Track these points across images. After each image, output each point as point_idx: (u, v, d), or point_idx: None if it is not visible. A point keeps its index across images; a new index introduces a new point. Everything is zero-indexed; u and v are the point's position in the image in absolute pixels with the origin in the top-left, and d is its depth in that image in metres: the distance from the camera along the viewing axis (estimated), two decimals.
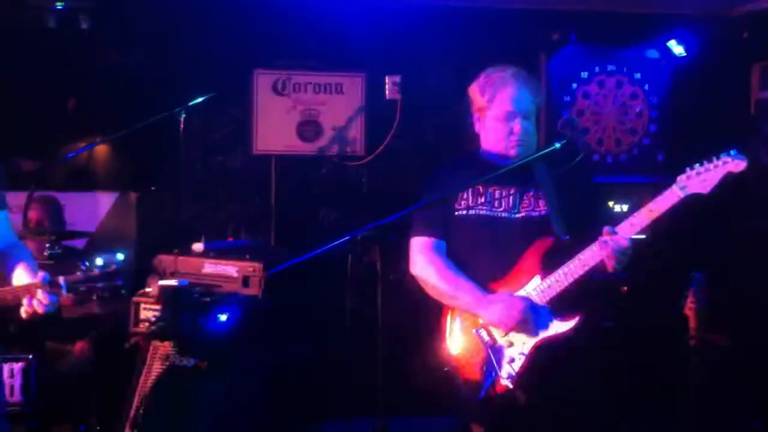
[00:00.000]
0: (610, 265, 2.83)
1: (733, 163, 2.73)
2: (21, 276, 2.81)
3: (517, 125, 2.96)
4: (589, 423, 3.00)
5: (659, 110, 5.19)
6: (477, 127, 3.10)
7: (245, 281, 3.94)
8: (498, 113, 2.98)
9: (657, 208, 2.79)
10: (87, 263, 2.69)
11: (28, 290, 2.68)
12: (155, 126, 4.90)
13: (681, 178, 2.78)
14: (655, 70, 5.17)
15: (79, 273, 2.67)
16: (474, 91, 3.07)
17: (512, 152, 2.98)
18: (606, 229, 2.81)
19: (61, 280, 2.64)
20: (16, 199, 4.87)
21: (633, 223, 2.81)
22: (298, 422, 4.23)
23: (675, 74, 5.18)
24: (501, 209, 3.00)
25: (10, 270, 2.86)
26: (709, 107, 5.22)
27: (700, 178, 2.75)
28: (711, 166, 2.75)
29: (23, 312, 2.69)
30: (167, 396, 3.82)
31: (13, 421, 3.87)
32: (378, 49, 5.43)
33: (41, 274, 2.69)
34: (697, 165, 2.77)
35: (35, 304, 2.66)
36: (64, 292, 2.66)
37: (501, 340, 2.90)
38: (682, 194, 2.77)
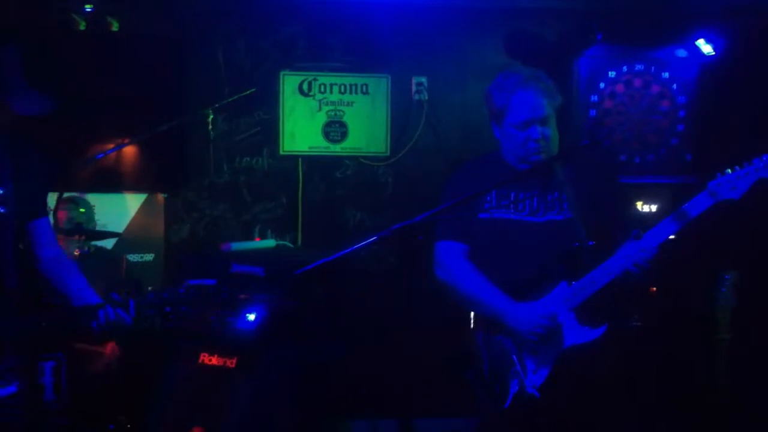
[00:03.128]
0: (637, 272, 2.78)
1: (765, 170, 2.70)
2: (83, 292, 2.79)
3: (535, 132, 2.91)
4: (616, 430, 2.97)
5: (687, 110, 5.13)
6: (496, 133, 3.05)
7: (272, 281, 3.96)
8: (515, 121, 2.93)
9: (686, 214, 2.75)
10: (153, 288, 2.71)
11: (97, 310, 2.70)
12: (183, 127, 4.96)
13: (712, 184, 2.73)
14: (684, 70, 5.12)
15: (150, 296, 2.68)
16: (490, 97, 3.01)
17: (531, 159, 2.94)
18: (634, 234, 2.78)
19: (131, 302, 2.65)
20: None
21: (661, 229, 2.76)
22: (324, 422, 4.24)
23: (703, 73, 5.13)
24: (525, 212, 2.96)
25: (64, 283, 2.82)
26: (737, 107, 5.16)
27: (732, 184, 2.71)
28: (743, 171, 2.71)
29: (94, 332, 2.69)
30: (196, 394, 3.85)
31: (43, 419, 3.91)
32: (403, 49, 5.44)
33: (111, 293, 2.69)
34: (728, 170, 2.73)
35: (108, 323, 2.67)
36: (132, 313, 2.68)
37: (526, 349, 2.88)
38: (713, 200, 2.73)
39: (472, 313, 3.02)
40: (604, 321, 2.82)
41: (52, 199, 4.68)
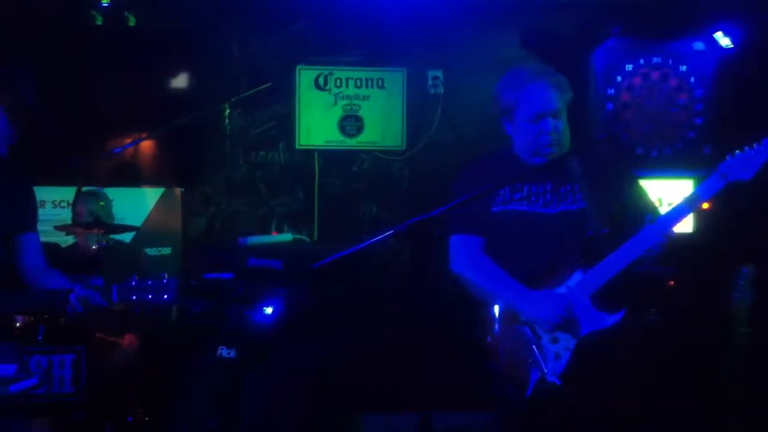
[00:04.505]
0: (652, 257, 2.80)
1: None
2: None
3: (547, 125, 2.92)
4: (636, 418, 2.97)
5: (705, 103, 5.10)
6: (508, 129, 3.06)
7: (289, 274, 3.97)
8: (527, 115, 2.94)
9: (699, 197, 2.77)
10: (137, 275, 2.76)
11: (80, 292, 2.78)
12: (200, 122, 4.98)
13: (722, 166, 2.75)
14: (701, 63, 5.08)
15: (133, 282, 2.74)
16: (500, 95, 3.02)
17: (545, 152, 2.96)
18: (648, 219, 2.79)
19: (114, 287, 2.73)
20: (66, 194, 5.00)
21: (675, 213, 2.78)
22: (340, 415, 4.25)
23: (721, 66, 5.09)
24: (538, 204, 2.97)
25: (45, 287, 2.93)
26: (755, 100, 5.13)
27: (742, 165, 2.72)
28: (752, 152, 2.73)
29: (74, 312, 2.77)
30: (212, 387, 3.88)
31: (62, 412, 3.95)
32: (419, 43, 5.43)
33: (94, 278, 2.78)
34: (738, 151, 2.74)
35: (87, 305, 2.76)
36: (114, 299, 2.76)
37: (545, 337, 2.89)
38: (724, 182, 2.74)
39: (490, 305, 3.03)
40: (622, 307, 2.83)
41: (71, 193, 4.74)
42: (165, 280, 2.76)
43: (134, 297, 2.76)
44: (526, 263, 2.93)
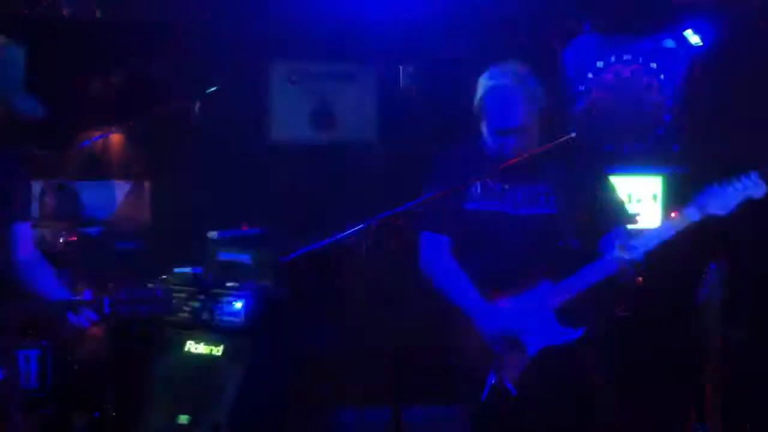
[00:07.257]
0: (622, 280, 2.83)
1: (754, 189, 2.74)
2: (55, 294, 2.77)
3: (509, 142, 2.91)
4: (590, 426, 2.99)
5: (674, 100, 5.15)
6: (481, 125, 3.06)
7: (259, 269, 3.95)
8: (491, 125, 2.95)
9: (672, 228, 2.80)
10: (129, 285, 2.68)
11: (72, 306, 2.66)
12: (170, 115, 4.93)
13: (700, 198, 2.77)
14: (671, 60, 5.14)
15: (123, 294, 2.66)
16: (475, 92, 3.01)
17: (508, 159, 2.95)
18: (618, 245, 2.80)
19: (105, 300, 2.63)
20: (33, 187, 4.92)
21: (647, 242, 2.81)
22: (312, 410, 4.24)
23: (691, 64, 5.14)
24: (509, 204, 2.97)
25: (37, 287, 2.81)
26: (724, 97, 5.18)
27: (719, 200, 2.75)
28: (730, 187, 2.74)
29: (68, 327, 2.67)
30: (182, 383, 3.85)
31: (28, 408, 3.90)
32: (392, 38, 5.42)
33: (84, 291, 2.67)
34: (716, 185, 2.75)
35: (82, 320, 2.65)
36: (106, 312, 2.65)
37: (504, 343, 2.89)
38: (700, 214, 2.76)
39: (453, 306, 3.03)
40: (584, 323, 2.85)
41: (38, 186, 4.67)
42: (159, 293, 2.67)
43: (126, 309, 2.66)
44: (492, 266, 2.93)
